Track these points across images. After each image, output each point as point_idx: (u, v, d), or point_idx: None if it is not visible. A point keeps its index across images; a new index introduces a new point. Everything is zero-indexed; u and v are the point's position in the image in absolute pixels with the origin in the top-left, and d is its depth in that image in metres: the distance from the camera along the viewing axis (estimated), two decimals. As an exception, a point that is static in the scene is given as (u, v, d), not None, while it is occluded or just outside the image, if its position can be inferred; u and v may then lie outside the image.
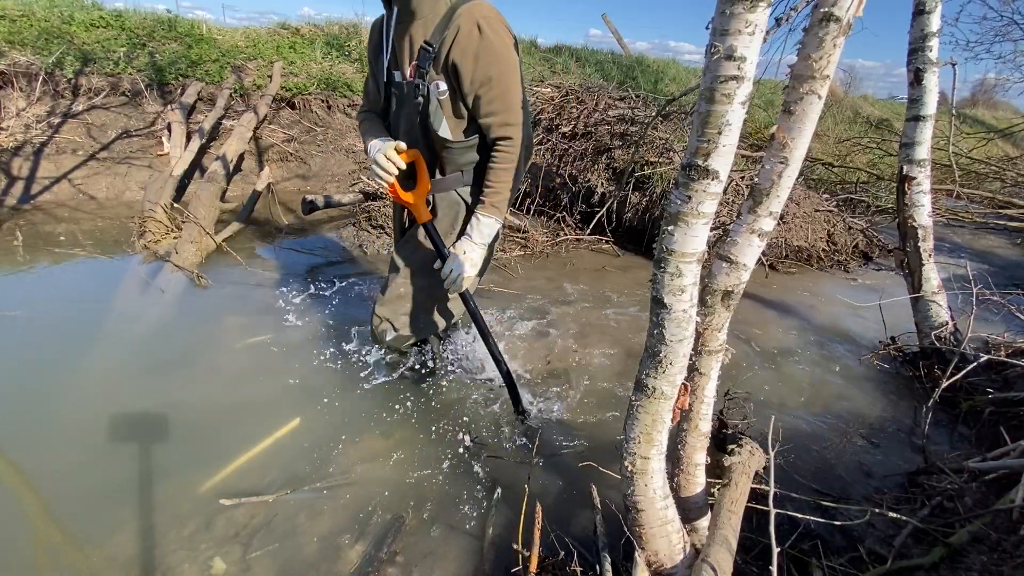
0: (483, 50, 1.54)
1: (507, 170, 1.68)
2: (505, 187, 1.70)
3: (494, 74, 1.57)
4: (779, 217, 1.38)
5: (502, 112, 1.62)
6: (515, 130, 1.64)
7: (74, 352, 2.24)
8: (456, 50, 1.54)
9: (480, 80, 1.57)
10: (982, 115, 12.81)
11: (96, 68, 4.87)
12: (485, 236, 1.75)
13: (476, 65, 1.55)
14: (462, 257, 1.74)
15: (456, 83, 1.59)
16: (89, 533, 1.44)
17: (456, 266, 1.73)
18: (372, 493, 1.64)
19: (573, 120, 4.60)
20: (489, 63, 1.55)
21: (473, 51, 1.53)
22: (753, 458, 1.44)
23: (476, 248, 1.76)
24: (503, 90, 1.59)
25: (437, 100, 1.63)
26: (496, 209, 1.72)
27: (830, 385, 2.49)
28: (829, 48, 0.96)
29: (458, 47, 1.54)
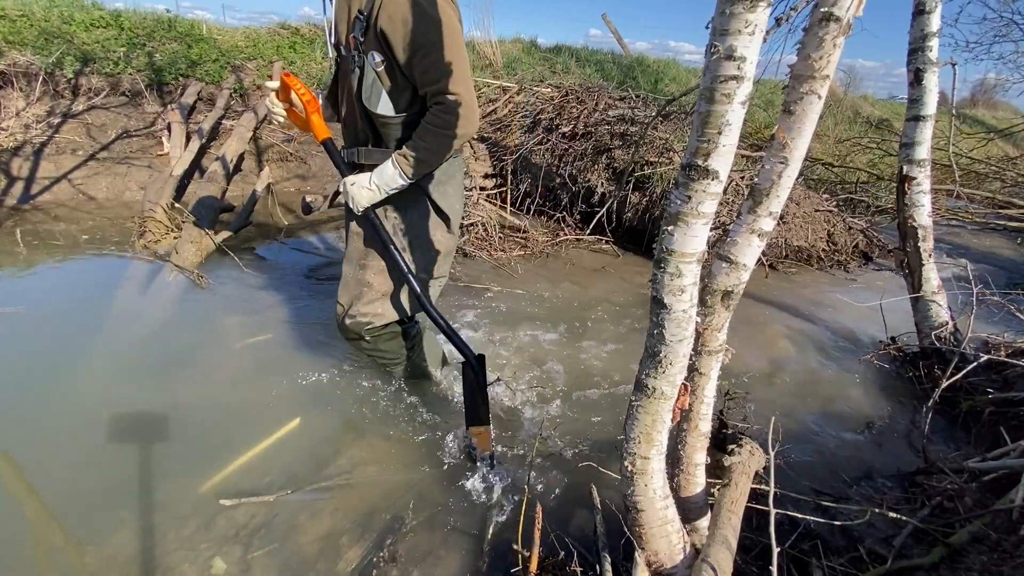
0: (413, 14, 1.44)
1: (431, 131, 1.55)
2: (423, 147, 1.57)
3: (426, 40, 1.46)
4: (779, 217, 1.38)
5: (440, 79, 1.50)
6: (455, 98, 1.51)
7: (74, 352, 2.24)
8: (383, 17, 1.45)
9: (412, 47, 1.47)
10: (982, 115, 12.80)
11: (96, 68, 4.87)
12: (381, 180, 1.62)
13: (405, 31, 1.45)
14: (348, 185, 1.65)
15: (390, 52, 1.50)
16: (89, 533, 1.44)
17: (343, 190, 1.68)
18: (372, 493, 1.64)
19: (573, 120, 4.59)
20: (420, 29, 1.45)
21: (401, 16, 1.44)
22: (753, 458, 1.44)
23: (363, 187, 1.64)
24: (439, 56, 1.48)
25: (374, 72, 1.54)
26: (407, 164, 1.58)
27: (830, 385, 2.49)
28: (829, 48, 0.96)
29: (385, 13, 1.45)
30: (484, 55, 6.59)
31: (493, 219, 4.01)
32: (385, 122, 1.63)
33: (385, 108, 1.60)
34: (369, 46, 1.52)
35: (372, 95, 1.58)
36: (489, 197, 4.32)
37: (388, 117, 1.61)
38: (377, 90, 1.57)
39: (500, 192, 4.41)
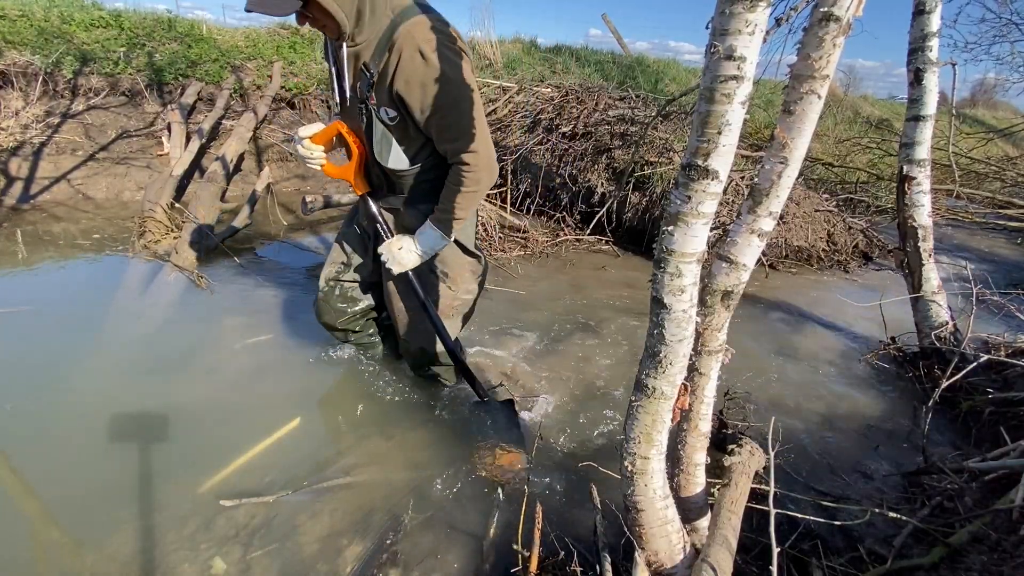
0: (429, 78, 1.44)
1: (461, 193, 1.61)
2: (457, 208, 1.63)
3: (444, 102, 1.48)
4: (779, 217, 1.38)
5: (459, 139, 1.54)
6: (473, 156, 1.55)
7: (74, 352, 2.24)
8: (400, 80, 1.45)
9: (431, 109, 1.49)
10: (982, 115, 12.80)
11: (95, 68, 4.87)
12: (426, 246, 1.71)
13: (424, 94, 1.47)
14: (392, 248, 1.71)
15: (406, 112, 1.52)
16: (89, 533, 1.44)
17: (385, 252, 1.73)
18: (372, 493, 1.64)
19: (573, 120, 4.60)
20: (438, 91, 1.46)
21: (419, 80, 1.45)
22: (753, 458, 1.44)
23: (412, 251, 1.71)
24: (456, 116, 1.51)
25: (385, 125, 1.57)
26: (446, 227, 1.66)
27: (830, 385, 2.49)
28: (829, 48, 0.96)
29: (401, 77, 1.45)
30: (484, 55, 6.59)
31: (493, 219, 4.01)
32: (399, 175, 1.67)
33: (397, 162, 1.64)
34: (380, 102, 1.53)
35: (383, 149, 1.61)
36: (489, 197, 4.32)
37: (401, 171, 1.65)
38: (387, 143, 1.60)
39: (500, 192, 4.41)
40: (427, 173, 1.69)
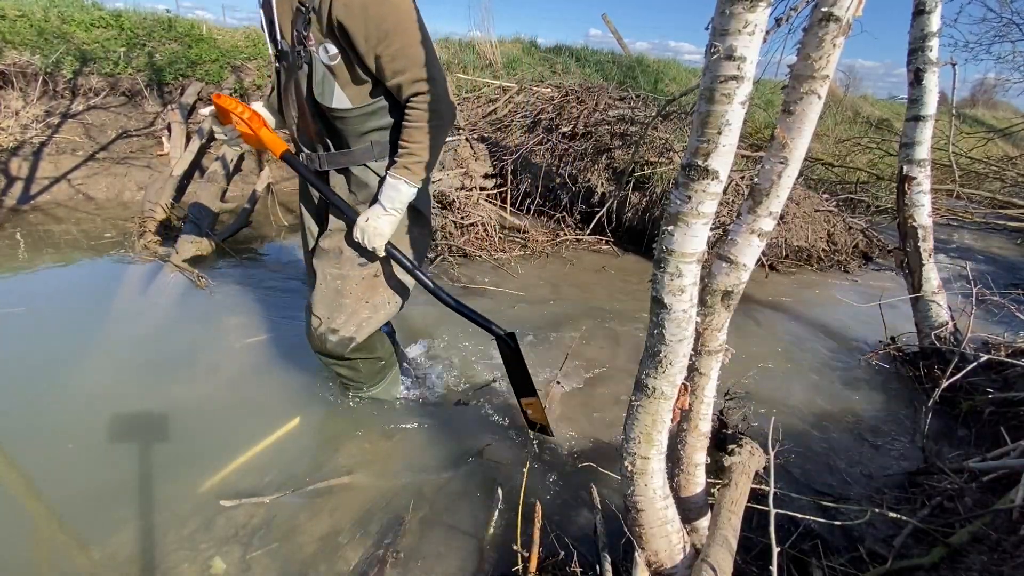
0: (370, 1, 1.35)
1: (421, 128, 1.48)
2: (420, 147, 1.50)
3: (390, 27, 1.37)
4: (779, 217, 1.38)
5: (410, 68, 1.41)
6: (430, 85, 1.43)
7: (74, 352, 2.24)
8: (338, 7, 1.35)
9: (376, 37, 1.37)
10: (982, 115, 12.81)
11: (95, 68, 4.87)
12: (395, 201, 1.55)
13: (366, 20, 1.35)
14: (363, 224, 1.57)
15: (348, 45, 1.40)
16: (89, 532, 1.44)
17: (359, 235, 1.58)
18: (372, 493, 1.64)
19: (573, 120, 4.60)
20: (381, 15, 1.35)
21: (359, 4, 1.34)
22: (753, 458, 1.44)
23: (383, 215, 1.56)
24: (405, 42, 1.39)
25: (325, 67, 1.45)
26: (408, 171, 1.52)
27: (830, 385, 2.49)
28: (829, 48, 0.96)
29: (339, 3, 1.35)
30: (484, 55, 6.59)
31: (493, 219, 4.01)
32: (341, 116, 1.53)
33: (340, 101, 1.50)
34: (319, 39, 1.42)
35: (324, 90, 1.48)
36: (489, 197, 4.32)
37: (344, 111, 1.51)
38: (329, 85, 1.47)
39: (500, 192, 4.41)
40: (373, 120, 1.56)
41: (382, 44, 1.38)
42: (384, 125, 1.58)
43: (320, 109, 1.52)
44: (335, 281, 1.71)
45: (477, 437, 1.90)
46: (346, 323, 1.73)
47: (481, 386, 2.21)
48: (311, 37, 1.42)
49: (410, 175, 1.53)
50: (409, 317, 2.70)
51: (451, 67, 6.20)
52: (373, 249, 1.60)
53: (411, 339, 2.52)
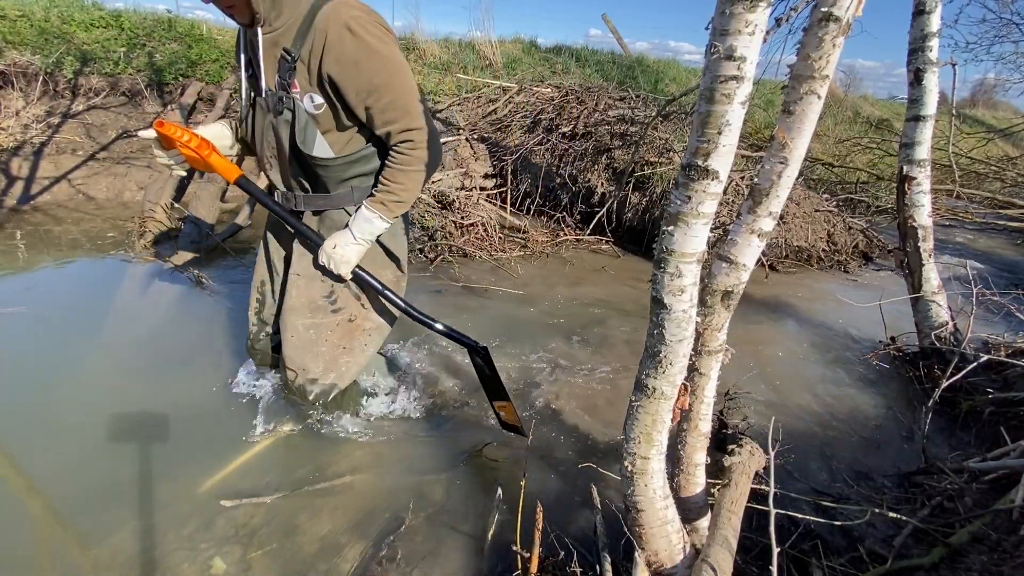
0: (363, 56, 1.35)
1: (403, 171, 1.50)
2: (399, 188, 1.52)
3: (380, 80, 1.38)
4: (779, 217, 1.38)
5: (401, 118, 1.44)
6: (417, 133, 1.47)
7: (74, 352, 2.24)
8: (329, 60, 1.35)
9: (366, 90, 1.39)
10: (982, 115, 12.80)
11: (95, 68, 4.86)
12: (365, 232, 1.55)
13: (357, 75, 1.37)
14: (330, 251, 1.57)
15: (337, 97, 1.42)
16: (89, 532, 1.44)
17: (324, 259, 1.58)
18: (372, 493, 1.64)
19: (573, 120, 4.60)
20: (372, 69, 1.37)
21: (351, 58, 1.35)
22: (753, 458, 1.44)
23: (349, 244, 1.56)
24: (396, 95, 1.42)
25: (308, 115, 1.45)
26: (384, 207, 1.53)
27: (830, 385, 2.49)
28: (829, 48, 0.96)
29: (331, 57, 1.35)
30: (484, 55, 6.59)
31: (493, 219, 4.01)
32: (324, 164, 1.53)
33: (322, 150, 1.51)
34: (306, 88, 1.42)
35: (307, 138, 1.48)
36: (489, 197, 4.32)
37: (327, 160, 1.52)
38: (312, 132, 1.48)
39: (500, 192, 4.41)
40: (355, 167, 1.57)
41: (372, 97, 1.40)
42: (368, 171, 1.59)
43: (301, 155, 1.52)
44: (308, 332, 1.70)
45: (477, 437, 1.90)
46: (325, 371, 1.73)
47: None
48: (296, 85, 1.42)
49: (385, 211, 1.54)
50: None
51: (451, 67, 6.21)
52: (338, 275, 1.60)
53: (410, 341, 2.52)
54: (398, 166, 1.50)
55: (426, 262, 3.56)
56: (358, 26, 1.34)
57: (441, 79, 5.93)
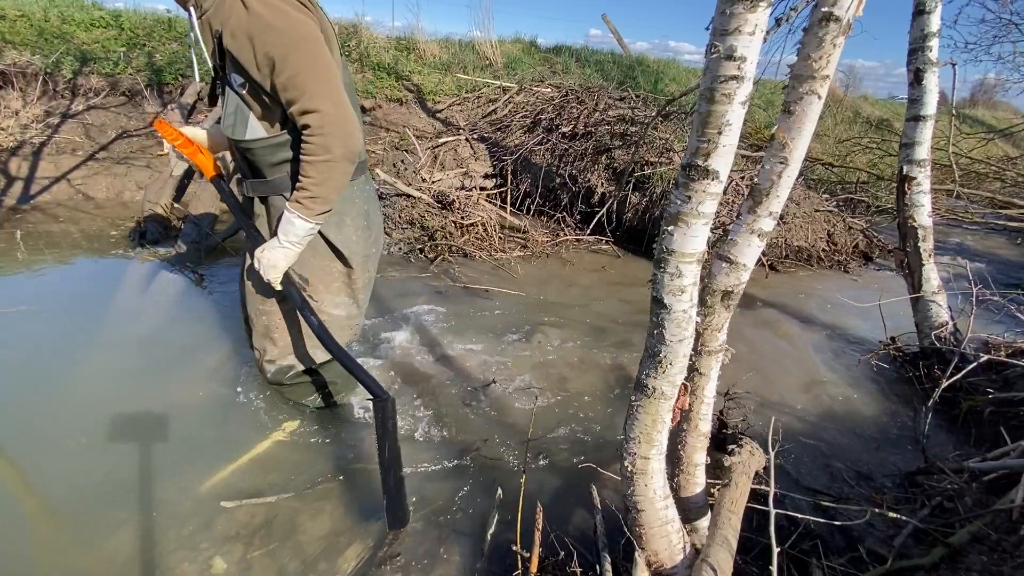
0: (255, 29, 1.27)
1: (312, 163, 1.39)
2: (312, 183, 1.41)
3: (277, 54, 1.29)
4: (779, 217, 1.38)
5: (299, 98, 1.34)
6: (316, 117, 1.35)
7: (74, 352, 2.24)
8: (227, 35, 1.29)
9: (266, 66, 1.31)
10: (982, 115, 12.80)
11: (95, 68, 4.86)
12: (289, 235, 1.48)
13: (253, 49, 1.29)
14: (259, 255, 1.52)
15: (245, 74, 1.35)
16: (89, 533, 1.44)
17: (256, 265, 1.53)
18: (372, 493, 1.64)
19: (573, 120, 4.60)
20: (267, 43, 1.28)
21: (244, 32, 1.28)
22: (753, 458, 1.43)
23: (276, 248, 1.50)
24: (294, 71, 1.31)
25: (238, 95, 1.40)
26: (301, 206, 1.43)
27: (830, 385, 2.49)
28: (829, 48, 0.96)
29: (227, 31, 1.29)
30: (484, 55, 6.59)
31: (493, 219, 4.01)
32: (247, 148, 1.47)
33: (249, 132, 1.44)
34: (230, 69, 1.36)
35: (236, 121, 1.43)
36: (489, 197, 4.32)
37: (248, 142, 1.46)
38: (243, 116, 1.42)
39: (500, 192, 4.41)
40: (283, 151, 1.49)
41: (273, 73, 1.32)
42: (294, 157, 1.50)
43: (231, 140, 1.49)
44: (261, 317, 1.74)
45: (476, 437, 1.90)
46: (281, 354, 1.77)
47: (481, 386, 2.21)
48: (226, 66, 1.37)
49: (303, 210, 1.44)
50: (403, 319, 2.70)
51: (451, 67, 6.20)
52: (268, 281, 1.54)
53: (410, 341, 2.52)
54: (306, 158, 1.40)
55: (426, 262, 3.56)
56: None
57: (441, 79, 5.93)
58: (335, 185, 1.44)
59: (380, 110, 5.42)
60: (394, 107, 5.50)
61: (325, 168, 1.40)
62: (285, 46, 1.30)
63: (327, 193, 1.44)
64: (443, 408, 2.06)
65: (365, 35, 6.21)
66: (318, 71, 1.34)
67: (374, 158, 4.31)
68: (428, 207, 3.89)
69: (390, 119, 5.34)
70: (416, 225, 3.78)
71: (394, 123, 5.27)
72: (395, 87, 5.63)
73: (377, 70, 5.78)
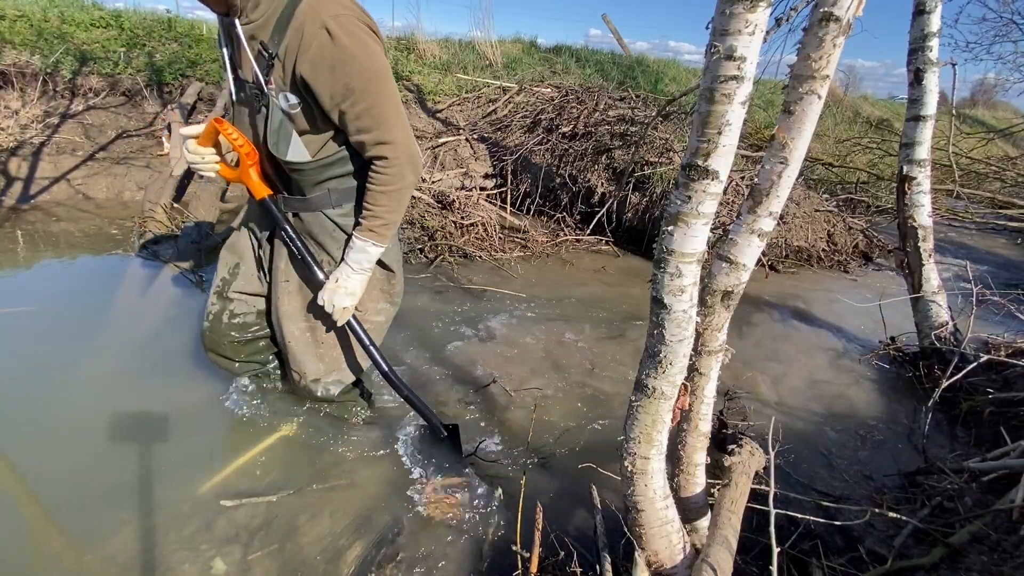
0: (339, 59, 1.28)
1: (386, 193, 1.44)
2: (385, 211, 1.46)
3: (357, 86, 1.31)
4: (779, 217, 1.38)
5: (374, 128, 1.37)
6: (392, 148, 1.39)
7: (74, 353, 2.23)
8: (304, 62, 1.28)
9: (341, 95, 1.32)
10: (982, 115, 12.81)
11: (95, 68, 4.86)
12: (363, 263, 1.53)
13: (333, 78, 1.29)
14: (332, 286, 1.53)
15: (311, 99, 1.35)
16: (89, 533, 1.43)
17: (328, 297, 1.54)
18: (372, 493, 1.64)
19: (573, 120, 4.60)
20: (349, 73, 1.29)
21: (327, 62, 1.28)
22: (753, 458, 1.43)
23: (352, 275, 1.53)
24: (371, 102, 1.34)
25: (284, 114, 1.39)
26: (375, 234, 1.49)
27: (830, 385, 2.49)
28: (829, 48, 0.96)
29: (305, 58, 1.28)
30: (484, 55, 6.59)
31: (493, 219, 4.01)
32: (298, 168, 1.47)
33: (296, 154, 1.44)
34: (280, 87, 1.36)
35: (280, 140, 1.41)
36: (489, 197, 4.32)
37: (300, 164, 1.45)
38: (286, 134, 1.41)
39: (500, 192, 4.41)
40: (331, 169, 1.50)
41: (347, 102, 1.33)
42: (344, 172, 1.52)
43: (274, 157, 1.47)
44: (304, 335, 1.68)
45: (477, 438, 1.90)
46: (327, 371, 1.73)
47: (481, 386, 2.21)
48: (272, 82, 1.36)
49: (378, 237, 1.50)
50: (402, 317, 2.70)
51: (451, 67, 6.20)
52: (342, 310, 1.55)
53: (410, 342, 2.52)
54: (379, 187, 1.44)
55: (426, 262, 3.56)
56: (337, 27, 1.26)
57: (441, 79, 5.93)
58: (402, 212, 1.52)
59: (380, 110, 5.41)
60: (394, 107, 5.49)
61: (399, 196, 1.46)
62: (365, 79, 1.32)
63: (398, 219, 1.51)
64: (443, 408, 2.06)
65: (365, 35, 6.19)
66: (394, 103, 1.39)
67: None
68: (428, 207, 3.89)
69: (390, 119, 5.33)
70: (416, 225, 3.78)
71: (394, 123, 5.26)
72: (395, 87, 5.63)
73: (377, 70, 5.77)
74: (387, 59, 1.40)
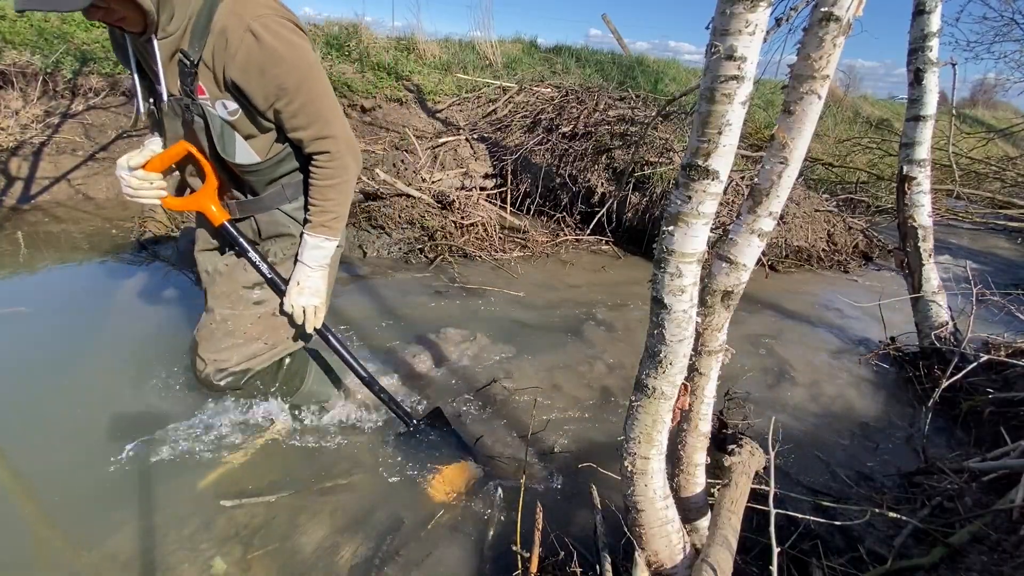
0: (268, 61, 1.27)
1: (332, 186, 1.46)
2: (334, 204, 1.49)
3: (290, 85, 1.32)
4: (779, 217, 1.38)
5: (311, 124, 1.39)
6: (332, 142, 1.42)
7: (73, 352, 2.24)
8: (233, 68, 1.27)
9: (275, 95, 1.33)
10: (982, 115, 12.81)
11: (95, 68, 4.86)
12: (319, 259, 1.54)
13: (264, 80, 1.29)
14: (295, 289, 1.55)
15: (247, 102, 1.34)
16: (89, 533, 1.43)
17: (293, 301, 1.54)
18: (372, 493, 1.64)
19: (573, 120, 4.60)
20: (279, 75, 1.29)
21: (256, 66, 1.27)
22: (753, 458, 1.43)
23: (312, 274, 1.55)
24: (305, 99, 1.35)
25: (224, 121, 1.38)
26: (327, 228, 1.51)
27: (830, 385, 2.49)
28: (829, 48, 0.96)
29: (234, 64, 1.27)
30: (484, 55, 6.59)
31: (493, 219, 4.01)
32: (253, 170, 1.47)
33: (245, 156, 1.43)
34: (216, 95, 1.34)
35: (226, 145, 1.40)
36: (489, 197, 4.32)
37: (252, 165, 1.45)
38: (230, 138, 1.40)
39: (500, 192, 4.41)
40: (283, 166, 1.50)
41: (281, 102, 1.34)
42: (294, 167, 1.53)
43: (225, 162, 1.46)
44: (225, 323, 1.62)
45: (477, 437, 1.90)
46: (238, 361, 1.64)
47: (482, 386, 2.21)
48: (202, 90, 1.33)
49: (330, 231, 1.52)
50: (407, 316, 2.69)
51: (451, 67, 6.21)
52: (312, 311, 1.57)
53: (410, 342, 2.52)
54: (325, 182, 1.46)
55: (426, 262, 3.56)
56: (262, 28, 1.25)
57: (441, 79, 5.93)
58: (348, 203, 1.54)
59: (380, 110, 5.42)
60: (394, 107, 5.50)
61: (344, 188, 1.49)
62: (297, 77, 1.33)
63: (346, 211, 1.54)
64: (443, 408, 2.06)
65: (365, 35, 6.21)
66: (328, 99, 1.41)
67: (374, 158, 4.31)
68: (428, 207, 3.89)
69: (390, 119, 5.35)
70: (416, 225, 3.78)
71: (394, 123, 5.27)
72: (395, 87, 5.63)
73: (377, 70, 5.78)
74: (316, 53, 1.39)
